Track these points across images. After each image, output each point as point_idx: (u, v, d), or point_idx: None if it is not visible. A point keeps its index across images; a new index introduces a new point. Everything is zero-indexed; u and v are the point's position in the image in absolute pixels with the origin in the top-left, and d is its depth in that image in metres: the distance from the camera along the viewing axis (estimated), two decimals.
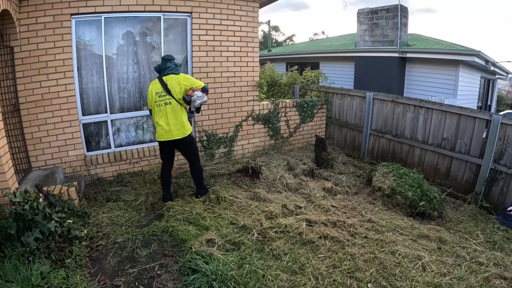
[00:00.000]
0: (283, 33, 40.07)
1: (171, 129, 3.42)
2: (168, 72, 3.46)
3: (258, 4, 5.02)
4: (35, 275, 2.17)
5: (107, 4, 3.90)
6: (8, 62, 3.49)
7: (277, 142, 5.75)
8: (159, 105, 3.43)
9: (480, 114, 4.22)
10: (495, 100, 12.52)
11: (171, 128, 3.42)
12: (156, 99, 3.44)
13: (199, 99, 3.40)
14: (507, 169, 3.91)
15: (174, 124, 3.42)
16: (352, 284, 2.37)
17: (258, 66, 5.29)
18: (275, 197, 3.83)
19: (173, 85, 3.41)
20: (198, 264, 2.41)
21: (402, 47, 8.64)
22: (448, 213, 3.94)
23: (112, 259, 2.61)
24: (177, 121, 3.43)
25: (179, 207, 3.47)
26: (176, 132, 3.44)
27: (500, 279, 2.52)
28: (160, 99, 3.43)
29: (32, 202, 2.51)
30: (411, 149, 5.03)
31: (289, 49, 14.87)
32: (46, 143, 3.90)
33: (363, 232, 3.16)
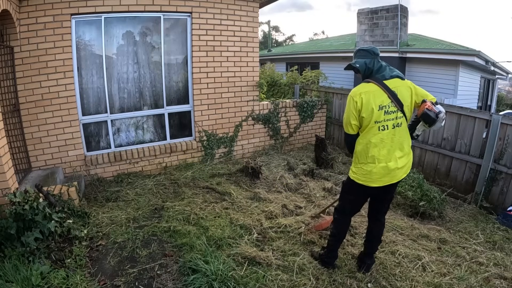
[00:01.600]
0: (283, 33, 40.15)
1: (398, 166, 2.19)
2: (391, 75, 2.20)
3: (258, 4, 5.02)
4: (35, 275, 2.17)
5: (107, 4, 3.90)
6: (8, 62, 3.49)
7: (277, 142, 5.75)
8: (383, 128, 2.15)
9: (480, 114, 4.22)
10: (495, 100, 12.52)
11: (398, 165, 2.19)
12: (380, 118, 2.14)
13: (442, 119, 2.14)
14: (507, 169, 3.91)
15: (400, 158, 2.20)
16: (352, 284, 2.37)
17: (258, 66, 5.29)
18: (275, 197, 3.83)
19: (405, 95, 2.17)
20: (198, 264, 2.40)
21: (402, 47, 8.65)
22: (448, 213, 3.94)
23: (112, 259, 2.61)
24: (404, 152, 2.23)
25: (179, 207, 3.47)
26: (402, 170, 2.23)
27: (500, 279, 2.52)
28: (387, 118, 2.15)
29: (32, 202, 2.51)
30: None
31: (289, 49, 14.87)
32: (46, 143, 3.90)
33: (363, 232, 3.16)
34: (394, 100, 2.13)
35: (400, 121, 2.17)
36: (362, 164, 2.22)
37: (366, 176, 2.21)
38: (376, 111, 2.12)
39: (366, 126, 2.17)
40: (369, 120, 2.14)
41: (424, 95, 2.22)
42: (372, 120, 2.14)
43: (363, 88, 2.19)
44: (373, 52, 2.24)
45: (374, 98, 2.13)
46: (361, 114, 2.15)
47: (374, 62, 2.23)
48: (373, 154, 2.17)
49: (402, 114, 2.16)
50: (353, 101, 2.17)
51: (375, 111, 2.12)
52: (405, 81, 2.22)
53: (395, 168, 2.19)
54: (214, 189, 3.99)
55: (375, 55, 2.24)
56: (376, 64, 2.23)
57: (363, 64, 2.23)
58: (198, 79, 4.72)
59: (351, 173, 2.31)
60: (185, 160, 4.84)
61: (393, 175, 2.20)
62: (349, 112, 2.20)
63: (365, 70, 2.23)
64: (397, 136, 2.18)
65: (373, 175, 2.19)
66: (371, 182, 2.21)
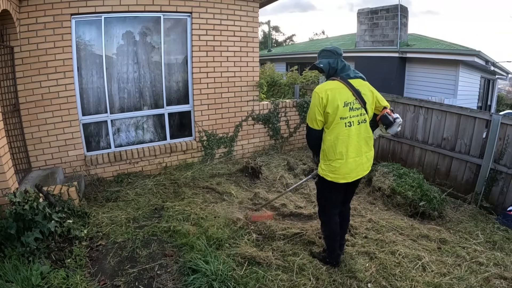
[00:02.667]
0: (283, 33, 40.14)
1: (363, 161, 2.34)
2: (355, 74, 2.35)
3: (258, 4, 5.02)
4: (35, 275, 2.17)
5: (107, 4, 3.90)
6: (8, 62, 3.49)
7: (277, 142, 5.75)
8: (349, 124, 2.25)
9: (480, 114, 4.22)
10: (495, 100, 12.52)
11: (366, 159, 2.36)
12: (345, 114, 2.23)
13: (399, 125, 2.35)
14: (507, 169, 3.91)
15: (366, 152, 2.35)
16: (352, 284, 2.37)
17: (258, 66, 5.29)
18: None
19: (368, 94, 2.32)
20: (198, 264, 2.40)
21: (402, 47, 8.65)
22: (448, 213, 3.94)
23: (112, 259, 2.61)
24: (368, 148, 2.37)
25: (179, 207, 3.48)
26: (367, 164, 2.39)
27: (500, 279, 2.52)
28: (352, 114, 2.25)
29: (32, 202, 2.51)
30: (411, 149, 5.03)
31: (289, 49, 14.88)
32: (46, 143, 3.90)
33: (363, 232, 3.16)
34: (358, 98, 2.25)
35: (364, 117, 2.30)
36: (331, 161, 2.29)
37: (335, 172, 2.29)
38: (341, 108, 2.21)
39: (332, 122, 2.24)
40: (334, 116, 2.22)
41: (381, 100, 2.40)
42: (337, 116, 2.21)
43: (328, 85, 2.27)
44: (336, 52, 2.35)
45: (339, 95, 2.22)
46: (326, 110, 2.22)
47: (337, 62, 2.33)
48: (341, 150, 2.25)
49: (365, 112, 2.29)
50: (318, 97, 2.23)
51: (340, 107, 2.20)
52: (367, 83, 2.37)
53: (364, 162, 2.34)
54: (214, 189, 3.99)
55: (338, 55, 2.35)
56: (340, 64, 2.34)
57: (327, 64, 2.34)
58: (198, 79, 4.72)
59: (320, 171, 2.37)
60: (185, 160, 4.84)
61: (361, 169, 2.35)
62: (314, 107, 2.27)
63: (329, 69, 2.34)
64: (363, 132, 2.30)
65: (341, 171, 2.28)
66: (340, 178, 2.30)
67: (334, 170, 2.29)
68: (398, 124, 2.34)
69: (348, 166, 2.27)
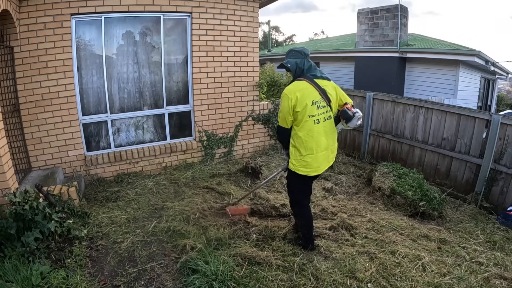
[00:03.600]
0: (283, 33, 40.19)
1: (329, 154, 2.57)
2: (321, 75, 2.51)
3: (258, 4, 5.02)
4: (35, 275, 2.17)
5: (107, 4, 3.90)
6: (8, 62, 3.49)
7: (277, 142, 5.75)
8: (317, 121, 2.43)
9: (480, 114, 4.22)
10: (495, 100, 12.52)
11: (332, 153, 2.60)
12: (313, 112, 2.41)
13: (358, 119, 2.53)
14: (507, 169, 3.91)
15: (331, 146, 2.57)
16: (352, 284, 2.37)
17: (258, 66, 5.29)
18: (275, 197, 3.83)
19: (332, 93, 2.50)
20: (198, 264, 2.40)
21: (402, 47, 8.65)
22: (448, 213, 3.94)
23: (112, 259, 2.61)
24: (333, 142, 2.59)
25: (179, 207, 3.47)
26: (332, 156, 2.62)
27: (500, 279, 2.52)
28: (319, 112, 2.44)
29: (32, 202, 2.51)
30: (411, 149, 5.03)
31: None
32: (46, 143, 3.90)
33: (363, 232, 3.16)
34: (324, 96, 2.44)
35: (329, 114, 2.51)
36: (303, 156, 2.47)
37: (306, 167, 2.48)
38: (310, 106, 2.39)
39: (301, 120, 2.41)
40: (303, 114, 2.39)
41: (344, 97, 2.59)
42: (306, 114, 2.39)
43: (297, 86, 2.43)
44: (303, 53, 2.50)
45: (308, 94, 2.40)
46: (296, 109, 2.40)
47: (304, 62, 2.48)
48: (311, 146, 2.44)
49: (330, 109, 2.49)
50: (288, 98, 2.40)
51: (308, 106, 2.38)
52: (331, 82, 2.56)
53: (329, 155, 2.56)
54: (214, 189, 3.99)
55: (305, 55, 2.50)
56: (306, 64, 2.48)
57: (294, 63, 2.48)
58: (198, 79, 4.72)
59: (291, 166, 2.54)
60: (185, 160, 4.84)
61: (327, 161, 2.58)
62: (284, 109, 2.45)
63: (296, 69, 2.49)
64: (329, 127, 2.51)
65: (313, 165, 2.48)
66: (311, 172, 2.50)
67: (305, 165, 2.48)
68: (357, 118, 2.51)
69: (318, 160, 2.49)
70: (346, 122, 2.56)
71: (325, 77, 2.53)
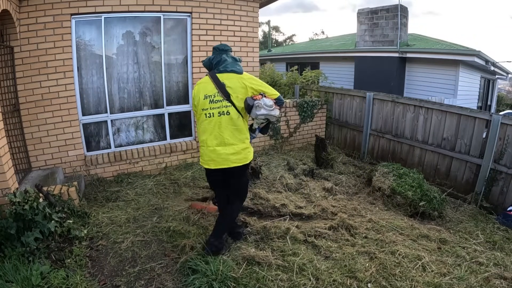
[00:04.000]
0: (283, 33, 40.16)
1: (226, 152, 2.39)
2: (225, 69, 2.41)
3: (258, 4, 5.02)
4: (35, 275, 2.17)
5: (107, 4, 3.90)
6: (8, 62, 3.50)
7: (277, 142, 5.75)
8: (209, 115, 2.40)
9: (480, 114, 4.22)
10: (495, 100, 12.52)
11: (226, 150, 2.40)
12: (205, 106, 2.40)
13: (267, 109, 2.35)
14: (507, 169, 3.91)
15: (231, 144, 2.39)
16: (352, 284, 2.37)
17: (258, 66, 5.29)
18: (275, 197, 3.82)
19: (235, 87, 2.38)
20: (198, 264, 2.40)
21: (402, 47, 8.65)
22: (448, 213, 3.94)
23: (112, 259, 2.61)
24: (235, 140, 2.41)
25: (179, 207, 3.47)
26: (233, 157, 2.41)
27: (500, 279, 2.52)
28: (212, 106, 2.38)
29: (32, 202, 2.51)
30: (411, 149, 5.03)
31: (289, 49, 14.88)
32: (46, 143, 3.90)
33: (363, 232, 3.16)
34: (221, 91, 2.37)
35: (227, 109, 2.38)
36: (199, 147, 2.57)
37: (201, 158, 2.54)
38: (202, 100, 2.41)
39: (197, 113, 2.49)
40: (198, 108, 2.45)
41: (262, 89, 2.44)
42: (199, 108, 2.43)
43: (199, 81, 2.53)
44: (218, 49, 2.50)
45: (203, 89, 2.43)
46: (194, 102, 2.50)
47: (216, 57, 2.47)
48: (203, 138, 2.46)
49: (229, 104, 2.37)
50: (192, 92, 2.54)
51: (201, 100, 2.42)
52: (241, 76, 2.43)
53: (229, 153, 2.40)
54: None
55: (220, 51, 2.48)
56: (216, 59, 2.46)
57: (208, 60, 2.51)
58: (198, 79, 4.70)
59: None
60: (185, 160, 4.84)
61: (224, 159, 2.41)
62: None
63: (209, 65, 2.51)
64: (224, 123, 2.39)
65: (204, 157, 2.49)
66: (205, 163, 2.51)
67: (200, 155, 2.57)
68: (256, 106, 2.35)
69: (208, 154, 2.44)
70: (249, 113, 2.42)
71: (230, 71, 2.41)
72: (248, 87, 2.40)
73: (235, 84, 2.39)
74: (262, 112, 2.35)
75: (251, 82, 2.43)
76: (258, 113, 2.36)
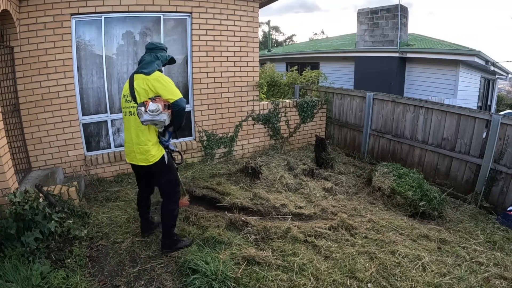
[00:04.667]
0: (283, 33, 40.19)
1: (134, 150, 2.50)
2: (140, 69, 2.45)
3: (258, 4, 5.02)
4: (35, 275, 2.17)
5: (107, 4, 3.90)
6: (8, 62, 3.50)
7: (277, 142, 5.75)
8: (124, 114, 2.54)
9: (480, 114, 4.21)
10: (495, 100, 12.52)
11: (134, 148, 2.49)
12: (122, 104, 2.55)
13: (150, 114, 2.27)
14: (507, 169, 3.91)
15: (136, 144, 2.47)
16: (352, 284, 2.37)
17: (258, 66, 5.29)
18: (275, 197, 3.83)
19: (139, 88, 2.39)
20: (198, 264, 2.40)
21: (402, 47, 8.64)
22: (448, 213, 3.94)
23: (112, 259, 2.61)
24: (139, 141, 2.46)
25: (179, 207, 3.47)
26: (139, 156, 2.50)
27: (500, 279, 2.52)
28: (125, 105, 2.50)
29: (32, 202, 2.51)
30: (411, 149, 5.03)
31: (289, 49, 14.87)
32: (46, 143, 3.90)
33: (363, 232, 3.16)
34: (130, 92, 2.44)
35: (134, 110, 2.43)
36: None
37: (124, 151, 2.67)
38: (122, 98, 2.55)
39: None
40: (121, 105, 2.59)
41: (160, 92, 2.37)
42: (121, 106, 2.59)
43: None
44: (145, 47, 2.61)
45: (124, 88, 2.56)
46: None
47: (141, 57, 2.57)
48: (124, 134, 2.68)
49: (135, 105, 2.40)
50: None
51: (122, 98, 2.56)
52: (148, 77, 2.39)
53: (136, 152, 2.50)
54: (214, 189, 3.98)
55: (146, 50, 2.58)
56: (141, 58, 2.56)
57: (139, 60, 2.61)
58: (198, 79, 4.72)
59: None
60: (185, 160, 4.84)
61: (133, 156, 2.53)
62: None
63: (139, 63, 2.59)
64: (132, 122, 2.47)
65: (125, 150, 2.63)
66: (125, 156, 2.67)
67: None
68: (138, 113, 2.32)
69: (126, 149, 2.61)
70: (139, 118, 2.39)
71: (140, 72, 2.43)
72: (150, 89, 2.37)
73: (139, 86, 2.39)
74: (145, 118, 2.29)
75: (153, 84, 2.37)
76: (141, 119, 2.31)
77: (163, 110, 2.30)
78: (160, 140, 2.54)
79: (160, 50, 2.56)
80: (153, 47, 2.55)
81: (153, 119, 2.29)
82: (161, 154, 2.52)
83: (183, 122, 2.50)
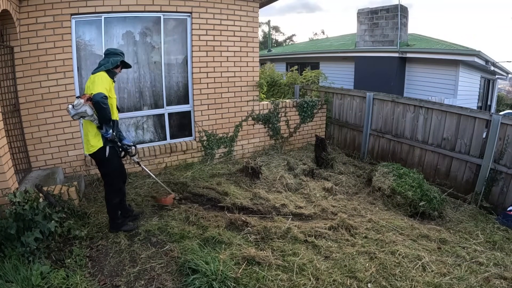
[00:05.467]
0: (283, 33, 40.16)
1: (83, 140, 3.03)
2: (94, 71, 2.83)
3: (258, 4, 5.02)
4: (35, 275, 2.17)
5: (107, 4, 3.90)
6: (8, 62, 3.50)
7: (277, 142, 5.75)
8: None
9: (480, 114, 4.21)
10: (495, 100, 12.52)
11: (83, 139, 3.03)
12: None
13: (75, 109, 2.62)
14: (507, 169, 3.91)
15: (84, 135, 2.92)
16: (352, 284, 2.37)
17: (258, 66, 5.29)
18: (275, 197, 3.83)
19: (86, 86, 2.84)
20: (198, 264, 2.40)
21: (402, 47, 8.64)
22: (448, 213, 3.94)
23: (112, 259, 2.61)
24: (84, 132, 2.89)
25: (179, 207, 3.47)
26: (84, 145, 2.98)
27: (500, 279, 2.52)
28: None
29: (32, 202, 2.51)
30: (411, 149, 5.03)
31: (289, 49, 14.87)
32: (46, 143, 3.90)
33: (363, 232, 3.16)
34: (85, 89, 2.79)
35: None
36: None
37: None
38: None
39: None
40: None
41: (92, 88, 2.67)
42: None
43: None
44: (103, 53, 2.91)
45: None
46: None
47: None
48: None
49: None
50: None
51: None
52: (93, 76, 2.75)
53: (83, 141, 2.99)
54: (214, 189, 3.99)
55: (104, 55, 2.89)
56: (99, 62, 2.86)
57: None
58: (198, 79, 4.72)
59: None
60: (185, 160, 4.84)
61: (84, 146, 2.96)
62: None
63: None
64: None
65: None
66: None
67: None
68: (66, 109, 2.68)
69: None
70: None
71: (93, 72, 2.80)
72: (90, 86, 2.72)
73: (87, 84, 2.80)
74: (72, 113, 2.63)
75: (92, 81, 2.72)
76: (70, 115, 2.66)
77: (85, 103, 2.61)
78: (101, 133, 2.78)
79: (114, 55, 2.85)
80: (107, 52, 2.87)
81: (77, 112, 2.61)
82: (100, 146, 2.80)
83: (106, 116, 2.68)
